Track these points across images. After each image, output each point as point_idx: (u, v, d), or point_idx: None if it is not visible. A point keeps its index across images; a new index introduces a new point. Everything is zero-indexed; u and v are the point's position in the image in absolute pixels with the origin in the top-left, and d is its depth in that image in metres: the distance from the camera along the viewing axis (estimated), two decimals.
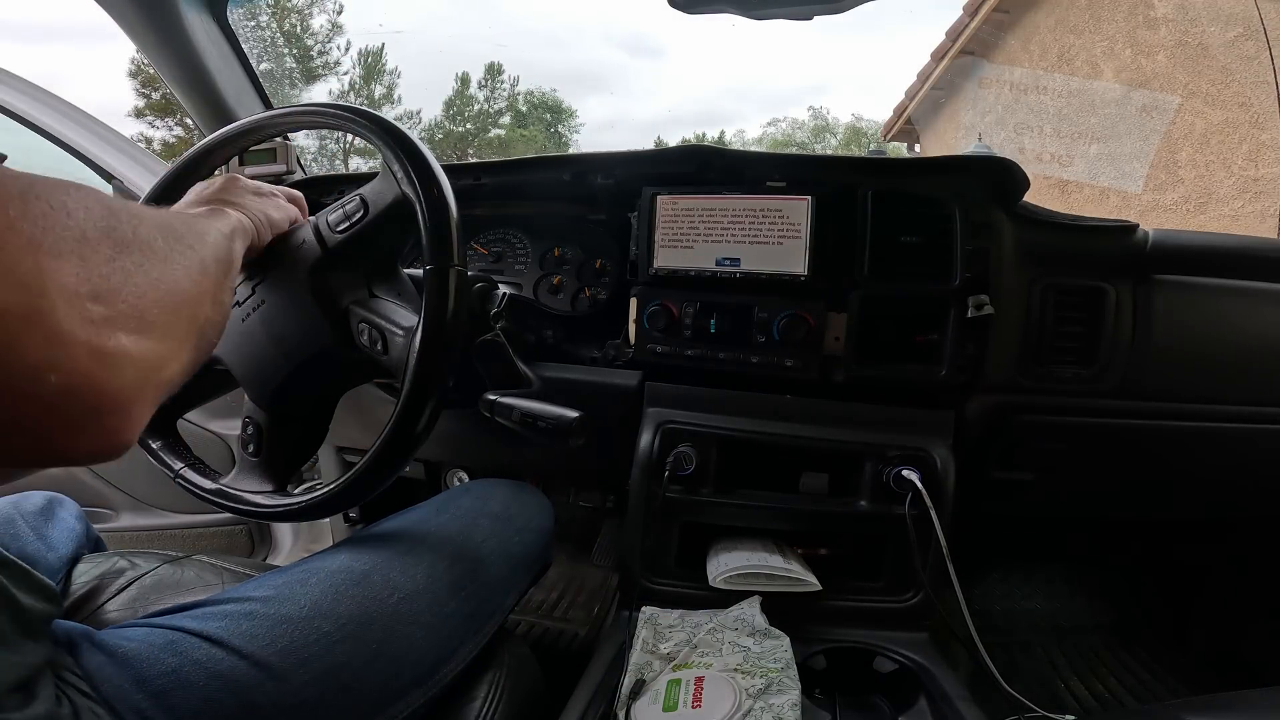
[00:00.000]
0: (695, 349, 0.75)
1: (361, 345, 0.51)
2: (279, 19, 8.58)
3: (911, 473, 0.67)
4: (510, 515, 0.63)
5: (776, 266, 0.71)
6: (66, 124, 1.10)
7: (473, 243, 0.92)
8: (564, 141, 13.09)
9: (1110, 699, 0.96)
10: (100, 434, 0.25)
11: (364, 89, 10.20)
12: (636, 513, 0.73)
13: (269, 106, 1.10)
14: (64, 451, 0.25)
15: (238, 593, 0.45)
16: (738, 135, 16.69)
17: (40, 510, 0.61)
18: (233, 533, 1.30)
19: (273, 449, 0.55)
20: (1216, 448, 0.79)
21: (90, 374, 0.24)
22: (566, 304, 0.86)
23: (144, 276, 0.27)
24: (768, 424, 0.73)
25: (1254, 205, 2.83)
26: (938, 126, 4.88)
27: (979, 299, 0.67)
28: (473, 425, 0.72)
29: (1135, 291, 0.73)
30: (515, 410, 0.52)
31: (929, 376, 0.71)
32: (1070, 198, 3.48)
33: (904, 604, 0.70)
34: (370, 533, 0.57)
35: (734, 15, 0.76)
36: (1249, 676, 0.97)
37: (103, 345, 0.24)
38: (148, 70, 8.52)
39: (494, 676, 0.55)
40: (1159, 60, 3.21)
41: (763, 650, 0.59)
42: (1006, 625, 1.10)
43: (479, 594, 0.54)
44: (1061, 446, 0.79)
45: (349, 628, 0.44)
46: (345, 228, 0.51)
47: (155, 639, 0.39)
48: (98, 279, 0.25)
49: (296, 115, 0.57)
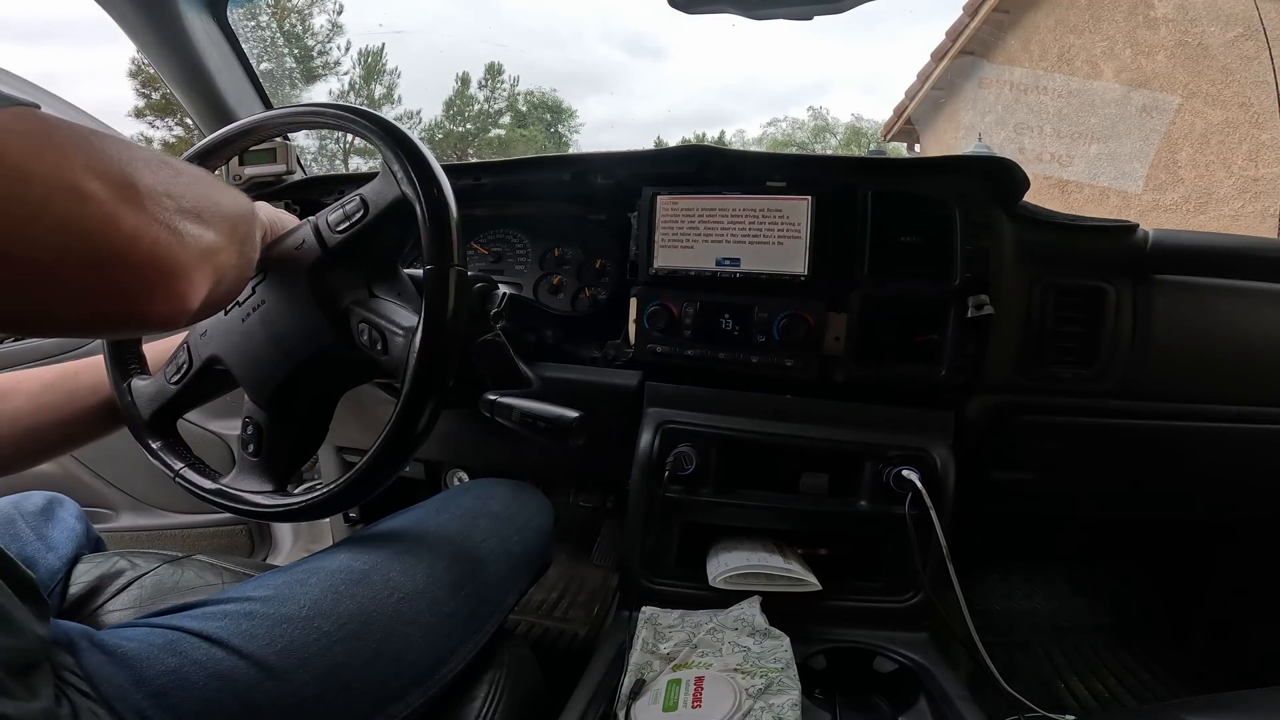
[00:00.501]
0: (695, 349, 0.75)
1: (361, 345, 0.51)
2: (279, 19, 8.57)
3: (911, 473, 0.67)
4: (510, 515, 0.63)
5: (776, 266, 0.71)
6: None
7: (473, 243, 0.92)
8: (564, 141, 13.09)
9: (1110, 699, 0.96)
10: (172, 297, 0.31)
11: (364, 89, 10.20)
12: (636, 513, 0.73)
13: (269, 106, 1.10)
14: (145, 313, 0.31)
15: (237, 592, 0.45)
16: (738, 135, 16.70)
17: (41, 510, 0.61)
18: (233, 533, 1.30)
19: (273, 449, 0.55)
20: (1216, 448, 0.79)
21: (168, 245, 0.31)
22: (566, 304, 0.86)
23: (197, 191, 0.34)
24: (768, 424, 0.73)
25: (1254, 205, 2.83)
26: (938, 126, 4.89)
27: (979, 299, 0.67)
28: (473, 425, 0.72)
29: (1135, 291, 0.73)
30: (515, 410, 0.52)
31: (929, 376, 0.71)
32: (1070, 198, 3.48)
33: (904, 604, 0.70)
34: (370, 532, 0.57)
35: (734, 15, 0.76)
36: (1249, 676, 0.97)
37: (175, 225, 0.31)
38: (148, 70, 8.51)
39: (494, 676, 0.55)
40: (1159, 60, 3.21)
41: (763, 650, 0.59)
42: (1006, 625, 1.10)
43: (478, 594, 0.54)
44: (1061, 446, 0.79)
45: (349, 627, 0.44)
46: (345, 228, 0.51)
47: (155, 639, 0.39)
48: (167, 184, 0.32)
49: (296, 115, 0.56)
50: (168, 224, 0.31)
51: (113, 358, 0.59)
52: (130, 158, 0.30)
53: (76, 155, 0.28)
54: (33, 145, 0.26)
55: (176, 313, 0.32)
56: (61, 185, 0.27)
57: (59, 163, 0.27)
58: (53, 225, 0.27)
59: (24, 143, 0.26)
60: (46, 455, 0.58)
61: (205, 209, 0.34)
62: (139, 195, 0.30)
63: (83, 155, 0.28)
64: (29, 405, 0.55)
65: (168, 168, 0.33)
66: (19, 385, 0.55)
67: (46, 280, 0.27)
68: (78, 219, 0.27)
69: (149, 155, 0.32)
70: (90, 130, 0.29)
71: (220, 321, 0.55)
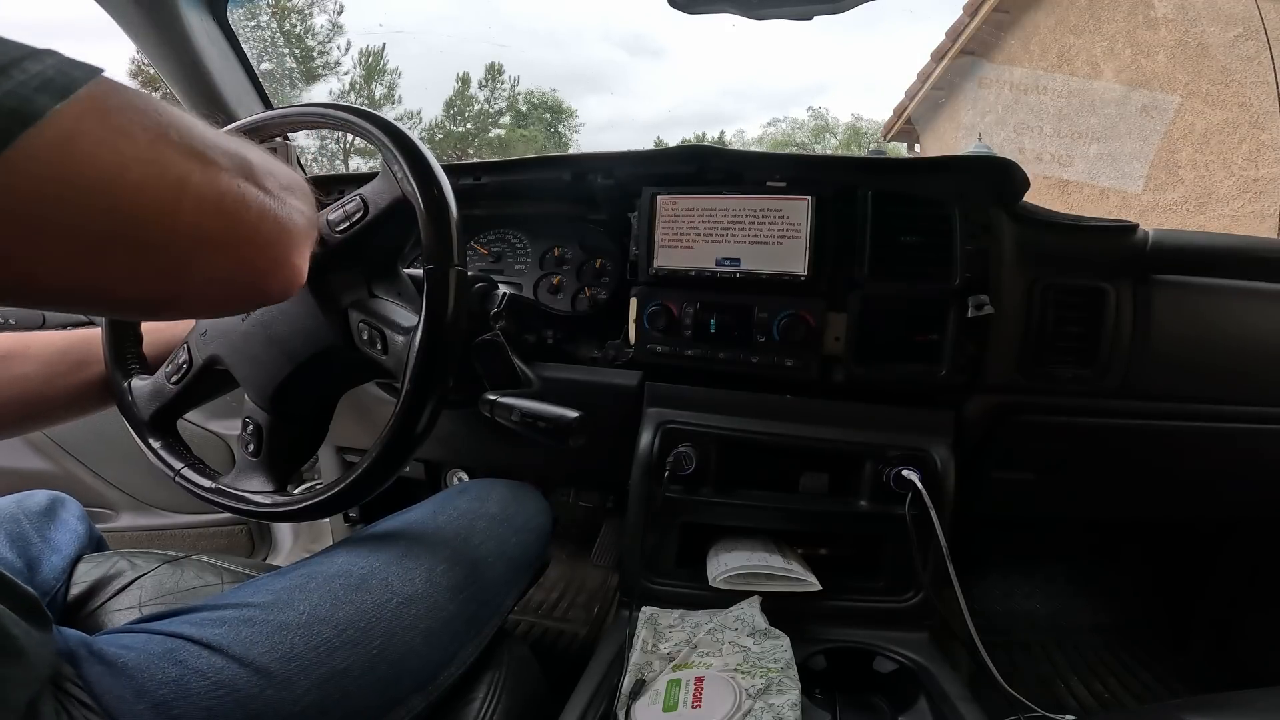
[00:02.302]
0: (695, 349, 0.75)
1: (361, 345, 0.51)
2: (279, 19, 8.56)
3: (911, 473, 0.67)
4: (508, 516, 0.63)
5: (776, 266, 0.71)
6: None
7: (473, 243, 0.92)
8: (564, 141, 13.06)
9: (1110, 699, 0.96)
10: (292, 271, 0.33)
11: (364, 89, 10.19)
12: (636, 513, 0.73)
13: (269, 106, 1.10)
14: (269, 289, 0.32)
15: (236, 598, 0.44)
16: (738, 135, 16.66)
17: (43, 510, 0.61)
18: (233, 533, 1.30)
19: (273, 449, 0.55)
20: (1216, 448, 0.79)
21: (286, 220, 0.32)
22: (566, 304, 0.86)
23: (278, 164, 0.34)
24: (768, 424, 0.73)
25: (1254, 205, 2.83)
26: (938, 126, 4.88)
27: (979, 299, 0.67)
28: (473, 425, 0.72)
29: (1135, 291, 0.73)
30: (515, 410, 0.52)
31: (929, 376, 0.71)
32: (1070, 198, 3.48)
33: (904, 604, 0.70)
34: (368, 534, 0.57)
35: (734, 15, 0.76)
36: (1249, 676, 0.97)
37: (285, 200, 0.32)
38: (148, 70, 8.51)
39: (493, 677, 0.55)
40: (1159, 60, 3.21)
41: (763, 650, 0.59)
42: (1006, 625, 1.09)
43: (478, 597, 0.54)
44: (1061, 446, 0.79)
45: (348, 633, 0.44)
46: (345, 228, 0.51)
47: (154, 647, 0.39)
48: (267, 162, 0.32)
49: (296, 115, 0.56)
50: (281, 199, 0.32)
51: (113, 357, 0.59)
52: (223, 135, 0.30)
53: (189, 132, 0.27)
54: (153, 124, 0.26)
55: (294, 286, 0.33)
56: (192, 168, 0.27)
57: (181, 144, 0.27)
58: (192, 208, 0.27)
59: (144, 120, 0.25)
60: (50, 421, 0.58)
61: (294, 183, 0.35)
62: (256, 173, 0.30)
63: (193, 131, 0.28)
64: (40, 371, 0.55)
65: (248, 143, 0.33)
66: (29, 349, 0.55)
67: (186, 264, 0.27)
68: (214, 199, 0.27)
69: (225, 133, 0.32)
70: (160, 102, 0.28)
71: (220, 321, 0.55)
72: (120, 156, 0.24)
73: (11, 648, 0.33)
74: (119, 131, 0.25)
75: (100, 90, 0.24)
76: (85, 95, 0.23)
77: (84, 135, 0.23)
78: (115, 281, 0.26)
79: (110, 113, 0.24)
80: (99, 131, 0.24)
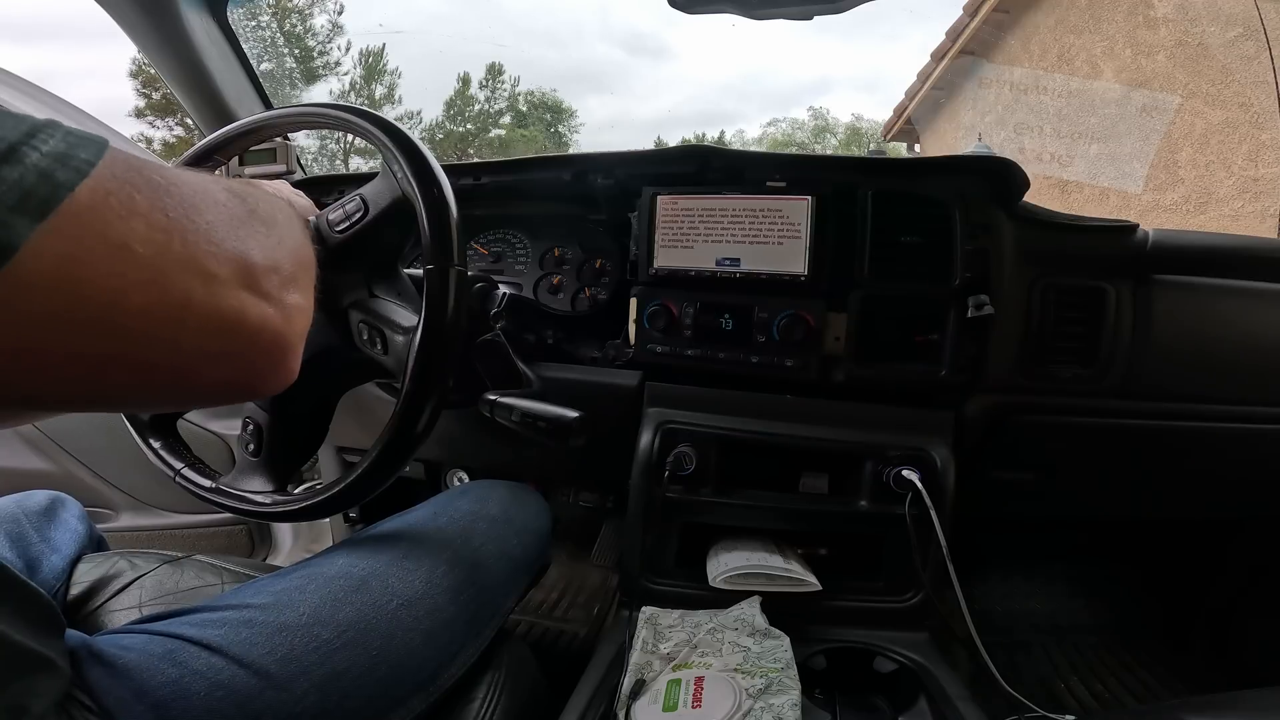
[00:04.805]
0: (695, 349, 0.75)
1: (361, 345, 0.51)
2: (279, 19, 8.56)
3: (911, 473, 0.67)
4: (508, 517, 0.63)
5: (776, 266, 0.71)
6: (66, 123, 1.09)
7: (473, 243, 0.92)
8: (564, 141, 13.05)
9: (1110, 699, 0.96)
10: (286, 369, 0.33)
11: (364, 89, 10.18)
12: (636, 513, 0.73)
13: (269, 106, 1.10)
14: (263, 387, 0.32)
15: (235, 599, 0.44)
16: (738, 135, 16.67)
17: (44, 510, 0.61)
18: (233, 533, 1.30)
19: (273, 449, 0.55)
20: (1216, 448, 0.79)
21: (284, 324, 0.32)
22: (566, 304, 0.86)
23: (284, 247, 0.34)
24: (768, 424, 0.73)
25: (1254, 205, 2.83)
26: (938, 126, 4.88)
27: (979, 299, 0.67)
28: (473, 425, 0.72)
29: (1135, 291, 0.73)
30: (515, 410, 0.52)
31: (929, 376, 0.71)
32: (1070, 198, 3.47)
33: (904, 604, 0.70)
34: (368, 535, 0.57)
35: (734, 15, 0.76)
36: (1249, 676, 0.97)
37: (284, 300, 0.32)
38: (148, 70, 8.50)
39: (493, 677, 0.55)
40: (1159, 60, 3.20)
41: (763, 650, 0.59)
42: (1006, 625, 1.09)
43: (478, 598, 0.54)
44: (1062, 446, 0.79)
45: (348, 635, 0.44)
46: (345, 228, 0.51)
47: (154, 648, 0.39)
48: (268, 252, 0.32)
49: (296, 115, 0.56)
50: (281, 302, 0.32)
51: None
52: (231, 226, 0.30)
53: (193, 236, 0.27)
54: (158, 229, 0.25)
55: (287, 382, 0.34)
56: (194, 286, 0.27)
57: (184, 256, 0.26)
58: (194, 329, 0.27)
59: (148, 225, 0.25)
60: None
61: (297, 268, 0.34)
62: (255, 275, 0.30)
63: (197, 233, 0.27)
64: None
65: (255, 219, 0.32)
66: None
67: (184, 377, 0.28)
68: (216, 319, 0.28)
69: (232, 204, 0.31)
70: (164, 179, 0.27)
71: None
72: (123, 281, 0.24)
73: (39, 658, 0.33)
74: (121, 247, 0.24)
75: (102, 188, 0.24)
76: (85, 195, 0.23)
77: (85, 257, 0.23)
78: (113, 394, 0.27)
79: (111, 222, 0.24)
80: (101, 249, 0.24)
